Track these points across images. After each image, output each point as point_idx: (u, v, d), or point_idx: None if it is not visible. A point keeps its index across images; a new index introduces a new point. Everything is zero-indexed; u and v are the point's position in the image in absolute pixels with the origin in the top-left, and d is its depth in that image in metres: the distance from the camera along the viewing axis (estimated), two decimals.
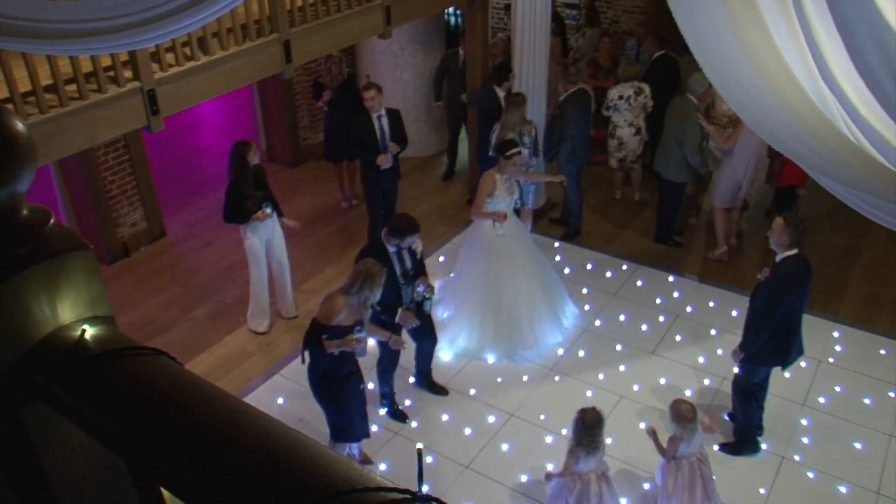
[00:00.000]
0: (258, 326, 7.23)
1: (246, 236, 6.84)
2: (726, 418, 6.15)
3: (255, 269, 6.98)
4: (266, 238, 6.92)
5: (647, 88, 8.73)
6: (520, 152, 6.72)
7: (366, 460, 5.85)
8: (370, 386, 6.24)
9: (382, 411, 6.29)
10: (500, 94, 8.33)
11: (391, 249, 5.74)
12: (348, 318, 4.99)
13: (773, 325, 5.30)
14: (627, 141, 8.91)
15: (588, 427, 4.68)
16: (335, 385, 5.18)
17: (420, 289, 5.90)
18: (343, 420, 5.37)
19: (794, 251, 5.28)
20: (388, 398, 6.30)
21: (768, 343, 5.39)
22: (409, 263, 5.86)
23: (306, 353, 5.14)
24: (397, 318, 5.77)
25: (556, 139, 8.22)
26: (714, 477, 5.11)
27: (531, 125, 7.95)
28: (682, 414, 4.87)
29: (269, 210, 6.74)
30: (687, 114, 7.75)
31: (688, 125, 7.73)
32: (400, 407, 6.34)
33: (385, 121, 7.48)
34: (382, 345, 5.97)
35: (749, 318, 5.51)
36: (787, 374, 6.17)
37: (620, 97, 8.70)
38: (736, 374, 5.73)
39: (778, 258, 5.34)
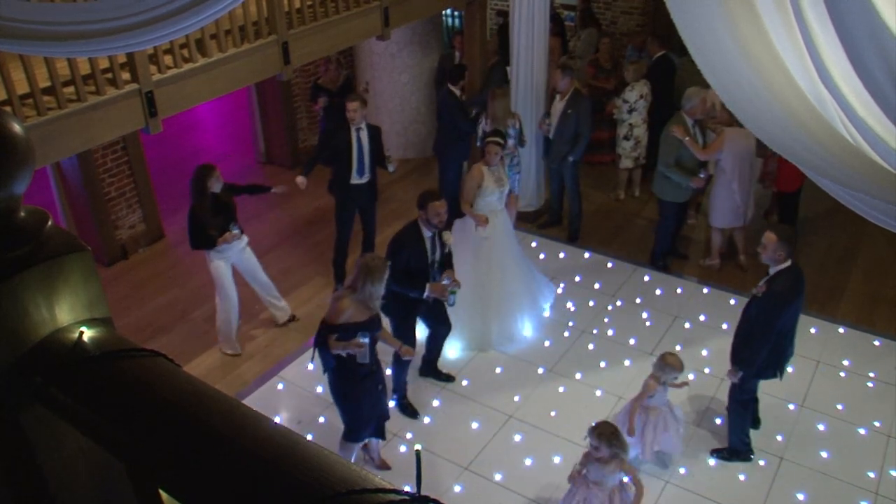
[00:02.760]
0: (228, 349, 7.04)
1: (210, 259, 6.62)
2: (720, 422, 6.15)
3: (222, 293, 6.74)
4: (233, 262, 6.72)
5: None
6: (499, 143, 6.76)
7: (383, 466, 5.84)
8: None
9: (391, 403, 6.26)
10: (457, 92, 8.40)
11: (427, 234, 5.84)
12: (357, 315, 5.01)
13: (771, 341, 5.25)
14: (642, 139, 8.98)
15: (605, 434, 4.64)
16: (351, 385, 5.20)
17: (445, 282, 5.95)
18: (355, 420, 5.39)
19: (788, 263, 5.21)
20: (399, 391, 6.32)
21: (765, 357, 5.35)
22: (439, 254, 5.96)
23: (316, 354, 5.19)
24: (426, 293, 5.83)
25: (571, 137, 8.14)
26: (681, 429, 5.65)
27: (515, 117, 8.00)
28: (669, 362, 5.38)
29: (236, 231, 6.52)
30: (669, 131, 7.48)
31: (666, 142, 7.50)
32: (409, 401, 6.38)
33: (364, 134, 7.22)
34: (398, 334, 6.02)
35: (744, 332, 5.41)
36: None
37: (641, 96, 8.74)
38: (732, 386, 5.67)
39: (772, 271, 5.26)
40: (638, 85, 8.74)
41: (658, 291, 7.78)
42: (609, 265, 8.21)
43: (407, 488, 1.01)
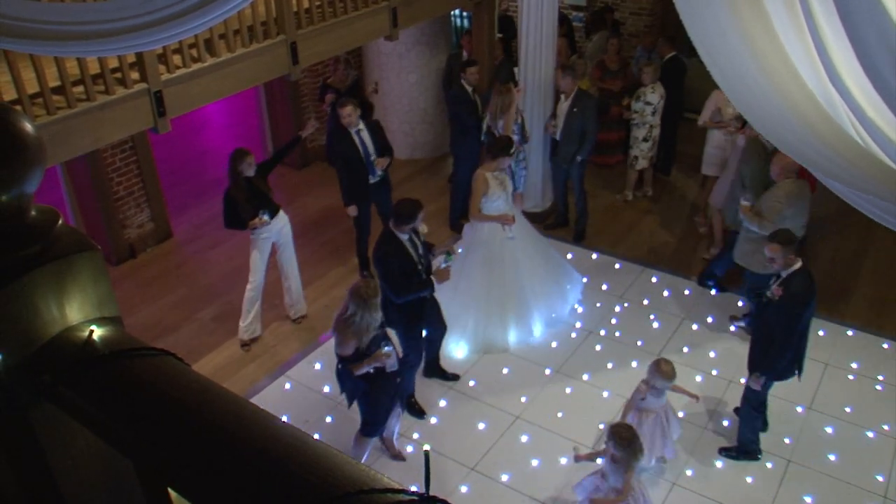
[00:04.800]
0: (246, 334, 7.13)
1: (253, 242, 6.85)
2: (728, 425, 6.15)
3: (254, 275, 6.92)
4: (273, 241, 6.90)
5: None
6: (510, 154, 6.73)
7: (398, 456, 5.90)
8: None
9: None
10: (468, 87, 8.39)
11: (403, 237, 5.80)
12: (363, 343, 5.04)
13: (794, 343, 5.31)
14: (657, 139, 9.03)
15: (631, 441, 4.64)
16: (371, 382, 5.21)
17: (441, 258, 5.89)
18: (375, 415, 5.41)
19: (799, 264, 5.27)
20: (407, 391, 6.32)
21: (789, 359, 5.40)
22: (421, 248, 5.93)
23: (341, 386, 5.32)
24: (436, 285, 5.83)
25: (578, 136, 8.11)
26: (674, 433, 5.59)
27: (518, 113, 7.99)
28: (664, 370, 5.31)
29: (265, 217, 6.64)
30: (752, 154, 7.09)
31: (750, 167, 7.03)
32: (416, 401, 6.40)
33: (365, 135, 7.33)
34: (406, 342, 6.04)
35: (763, 338, 5.42)
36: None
37: (661, 97, 8.73)
38: (747, 390, 5.66)
39: (784, 274, 5.31)
40: (657, 86, 8.72)
41: (666, 293, 7.76)
42: (617, 266, 8.20)
43: (414, 488, 1.01)
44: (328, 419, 6.29)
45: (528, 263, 6.93)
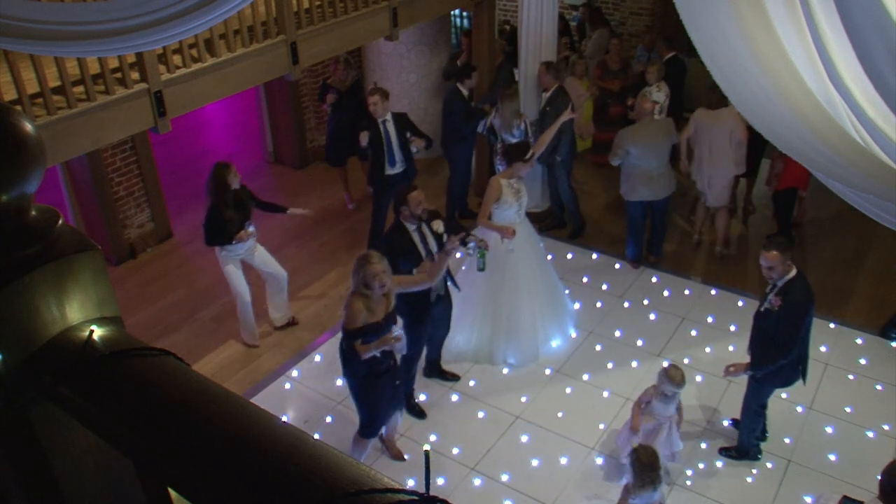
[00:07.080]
0: (250, 340, 7.13)
1: (224, 261, 6.67)
2: (728, 424, 6.14)
3: (237, 292, 6.79)
4: (243, 259, 6.76)
5: None
6: (526, 161, 6.54)
7: (398, 456, 5.90)
8: None
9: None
10: (464, 91, 8.35)
11: (411, 227, 5.81)
12: (374, 314, 5.00)
13: (795, 352, 5.24)
14: None
15: (647, 465, 4.62)
16: (371, 383, 5.21)
17: (471, 245, 5.73)
18: (372, 417, 5.41)
19: (794, 272, 5.17)
20: (406, 390, 6.31)
21: (791, 365, 5.35)
22: (434, 246, 5.85)
23: (343, 366, 5.26)
24: (435, 260, 5.69)
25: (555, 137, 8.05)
26: (680, 442, 5.55)
27: (521, 117, 7.99)
28: (672, 375, 5.28)
29: (251, 229, 6.58)
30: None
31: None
32: (417, 402, 6.39)
33: (391, 125, 7.44)
34: (409, 335, 5.98)
35: (762, 346, 5.34)
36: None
37: (666, 96, 8.71)
38: (748, 393, 5.64)
39: (780, 283, 5.18)
40: (662, 85, 8.71)
41: (666, 293, 7.76)
42: (617, 266, 8.20)
43: (411, 480, 1.01)
44: (328, 419, 6.29)
45: (528, 283, 6.72)
